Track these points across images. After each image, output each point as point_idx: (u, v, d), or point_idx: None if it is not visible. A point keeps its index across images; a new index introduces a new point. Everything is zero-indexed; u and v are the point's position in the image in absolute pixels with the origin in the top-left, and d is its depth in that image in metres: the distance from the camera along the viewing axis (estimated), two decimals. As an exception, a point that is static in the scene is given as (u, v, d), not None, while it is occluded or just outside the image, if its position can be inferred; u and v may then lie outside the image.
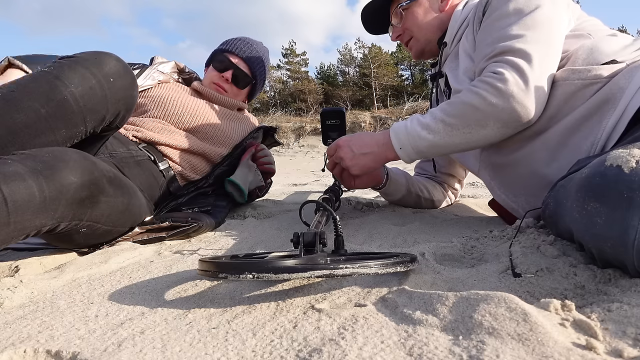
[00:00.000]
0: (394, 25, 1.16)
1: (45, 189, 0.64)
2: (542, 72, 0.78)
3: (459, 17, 1.03)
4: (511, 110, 0.79)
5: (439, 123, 0.85)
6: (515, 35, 0.81)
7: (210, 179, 1.23)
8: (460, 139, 0.84)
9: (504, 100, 0.78)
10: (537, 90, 0.78)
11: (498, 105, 0.79)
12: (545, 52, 0.79)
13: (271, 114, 15.74)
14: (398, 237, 0.90)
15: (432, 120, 0.86)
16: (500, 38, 0.83)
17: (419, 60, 1.20)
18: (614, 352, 0.35)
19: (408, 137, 0.88)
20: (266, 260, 0.51)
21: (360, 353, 0.38)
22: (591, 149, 0.73)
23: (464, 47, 0.99)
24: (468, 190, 2.10)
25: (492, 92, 0.79)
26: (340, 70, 25.67)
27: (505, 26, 0.84)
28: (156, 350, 0.42)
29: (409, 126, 0.89)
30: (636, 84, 0.71)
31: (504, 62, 0.80)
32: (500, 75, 0.79)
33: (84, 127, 0.81)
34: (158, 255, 0.84)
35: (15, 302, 0.57)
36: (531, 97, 0.78)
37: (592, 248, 0.53)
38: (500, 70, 0.79)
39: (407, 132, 0.89)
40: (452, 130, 0.84)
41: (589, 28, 0.87)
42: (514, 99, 0.78)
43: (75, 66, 0.78)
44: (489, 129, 0.82)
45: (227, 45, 1.41)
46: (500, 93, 0.78)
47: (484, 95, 0.80)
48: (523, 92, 0.77)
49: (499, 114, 0.80)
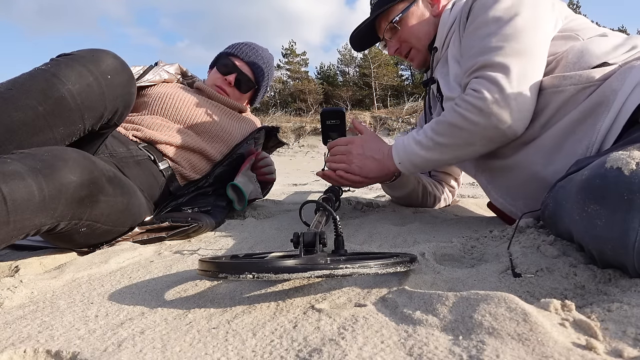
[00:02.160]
0: (389, 40, 1.14)
1: (45, 188, 0.64)
2: (522, 84, 0.79)
3: (446, 21, 1.02)
4: (493, 127, 0.81)
5: (429, 141, 0.89)
6: (494, 47, 0.82)
7: (210, 178, 1.23)
8: (450, 155, 0.89)
9: (485, 118, 0.80)
10: (517, 104, 0.78)
11: (480, 123, 0.81)
12: (526, 62, 0.80)
13: (271, 114, 15.74)
14: (398, 237, 0.90)
15: (424, 139, 0.90)
16: (480, 51, 0.84)
17: (422, 68, 1.18)
18: (614, 352, 0.35)
19: (405, 153, 0.93)
20: (266, 260, 0.51)
21: (360, 353, 0.38)
22: (586, 151, 0.73)
23: (452, 53, 0.98)
24: (468, 190, 2.10)
25: (473, 111, 0.81)
26: (340, 70, 25.69)
27: (485, 36, 0.84)
28: (156, 350, 0.42)
29: (406, 143, 0.94)
30: (629, 85, 0.70)
31: (483, 78, 0.81)
32: (479, 93, 0.80)
33: (82, 124, 0.81)
34: (158, 255, 0.84)
35: (15, 302, 0.57)
36: (511, 112, 0.79)
37: (593, 250, 0.53)
38: (479, 88, 0.80)
39: (404, 148, 0.94)
40: (442, 148, 0.88)
41: (576, 28, 0.86)
42: (494, 117, 0.79)
43: (72, 64, 0.78)
44: (477, 146, 0.86)
45: (233, 49, 1.41)
46: (481, 112, 0.80)
47: (466, 115, 0.82)
48: (502, 108, 0.79)
49: (482, 132, 0.82)
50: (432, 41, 1.08)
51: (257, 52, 1.43)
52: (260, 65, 1.42)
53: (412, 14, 1.08)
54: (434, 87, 1.10)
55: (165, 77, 1.35)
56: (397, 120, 11.25)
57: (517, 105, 0.78)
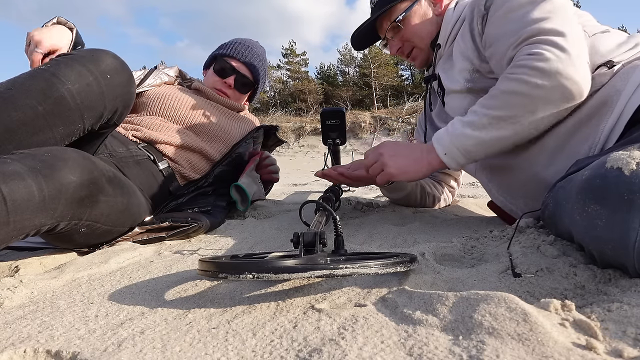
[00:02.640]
0: (390, 39, 1.14)
1: (45, 188, 0.63)
2: (581, 48, 0.74)
3: (451, 17, 1.01)
4: (561, 88, 0.72)
5: (483, 118, 0.78)
6: (540, 18, 0.76)
7: (209, 178, 1.23)
8: (508, 130, 0.78)
9: (550, 78, 0.71)
10: (581, 63, 0.72)
11: (545, 85, 0.72)
12: (577, 31, 0.75)
13: (271, 114, 15.74)
14: (398, 237, 0.90)
15: (475, 117, 0.80)
16: (525, 24, 0.77)
17: (424, 67, 1.17)
18: (614, 352, 0.35)
19: (452, 140, 0.82)
20: (266, 260, 0.51)
21: (360, 353, 0.38)
22: (589, 152, 0.73)
23: (459, 48, 0.97)
24: (468, 190, 2.10)
25: (534, 74, 0.72)
26: (340, 70, 25.69)
27: (523, 14, 0.79)
28: (156, 350, 0.42)
29: (451, 129, 0.83)
30: (632, 85, 0.70)
31: (539, 42, 0.74)
32: (539, 55, 0.72)
33: (82, 124, 0.81)
34: (158, 255, 0.84)
35: (15, 302, 0.57)
36: (579, 70, 0.71)
37: (593, 250, 0.53)
38: (537, 51, 0.73)
39: (449, 134, 0.83)
40: (499, 122, 0.77)
41: (584, 23, 0.85)
42: (561, 75, 0.71)
43: (72, 63, 0.78)
44: (539, 113, 0.75)
45: (228, 50, 1.40)
46: (544, 72, 0.72)
47: (526, 79, 0.73)
48: (569, 66, 0.71)
49: (548, 94, 0.73)
50: (434, 39, 1.08)
51: (252, 50, 1.43)
52: (256, 65, 1.42)
53: (415, 13, 1.08)
54: (434, 83, 1.10)
55: (165, 79, 1.36)
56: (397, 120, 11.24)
57: (581, 64, 0.72)
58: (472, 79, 0.94)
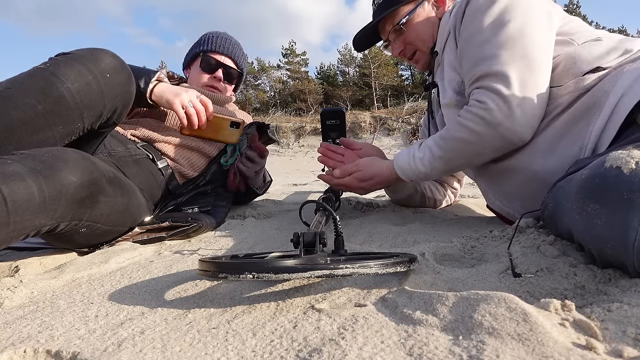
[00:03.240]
0: (392, 41, 1.14)
1: (45, 189, 0.63)
2: (526, 91, 0.78)
3: (445, 24, 1.01)
4: (501, 137, 0.81)
5: (437, 161, 0.91)
6: (489, 56, 0.81)
7: (206, 175, 1.24)
8: (459, 166, 0.93)
9: (492, 129, 0.81)
10: (523, 111, 0.79)
11: (487, 134, 0.82)
12: (524, 67, 0.79)
13: (271, 114, 15.71)
14: (398, 237, 0.90)
15: (431, 158, 0.92)
16: (478, 60, 0.84)
17: (426, 71, 1.17)
18: (614, 352, 0.35)
19: (413, 173, 0.96)
20: (266, 260, 0.51)
21: (360, 353, 0.38)
22: (580, 153, 0.74)
23: (448, 58, 0.98)
24: (468, 190, 2.10)
25: (478, 122, 0.82)
26: (340, 70, 25.67)
27: (479, 44, 0.84)
28: (156, 350, 0.42)
29: (413, 165, 0.95)
30: (620, 87, 0.71)
31: (484, 88, 0.82)
32: (484, 104, 0.81)
33: (81, 123, 0.81)
34: (158, 255, 0.84)
35: (15, 302, 0.57)
36: (517, 120, 0.79)
37: (593, 249, 0.53)
38: (482, 99, 0.81)
39: (410, 169, 0.96)
40: (451, 161, 0.90)
41: (571, 31, 0.86)
42: (501, 127, 0.80)
43: (71, 62, 0.78)
44: (486, 156, 0.88)
45: (209, 46, 1.40)
46: (487, 123, 0.81)
47: (472, 127, 0.83)
48: (508, 118, 0.79)
49: (491, 142, 0.83)
50: (434, 45, 1.08)
51: (231, 41, 1.44)
52: (237, 54, 1.44)
53: (419, 16, 1.07)
54: (435, 92, 1.10)
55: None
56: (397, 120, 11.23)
57: (521, 111, 0.78)
58: (460, 91, 0.95)
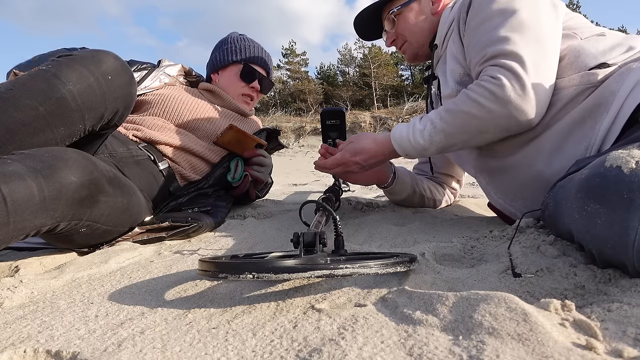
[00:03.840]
0: (387, 31, 1.15)
1: (45, 189, 0.63)
2: (538, 75, 0.77)
3: (447, 18, 1.02)
4: (509, 116, 0.79)
5: (438, 134, 0.86)
6: (503, 37, 0.80)
7: (210, 179, 1.23)
8: (458, 143, 0.87)
9: (502, 106, 0.78)
10: (535, 93, 0.77)
11: (496, 111, 0.79)
12: (538, 52, 0.78)
13: (271, 114, 15.72)
14: (398, 237, 0.90)
15: (432, 131, 0.87)
16: (490, 41, 0.82)
17: (413, 63, 1.21)
18: (614, 352, 0.35)
19: (410, 146, 0.91)
20: (266, 260, 0.51)
21: (360, 353, 0.38)
22: (585, 152, 0.73)
23: (451, 50, 0.98)
24: (468, 190, 2.10)
25: (489, 97, 0.78)
26: (340, 70, 25.68)
27: (491, 29, 0.82)
28: (156, 350, 0.42)
29: (411, 138, 0.90)
30: (627, 86, 0.70)
31: (500, 66, 0.79)
32: (498, 80, 0.78)
33: (83, 125, 0.81)
34: (158, 255, 0.84)
35: (15, 302, 0.57)
36: (529, 101, 0.77)
37: (593, 249, 0.53)
38: (498, 75, 0.78)
39: (408, 141, 0.91)
40: (452, 137, 0.85)
41: (575, 26, 0.86)
42: (511, 105, 0.77)
43: (73, 64, 0.78)
44: (490, 134, 0.84)
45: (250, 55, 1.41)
46: (498, 99, 0.78)
47: (481, 101, 0.79)
48: (520, 97, 0.76)
49: (497, 120, 0.80)
50: (432, 39, 1.08)
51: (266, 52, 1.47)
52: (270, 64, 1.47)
53: (411, 9, 1.09)
54: (435, 86, 1.10)
55: (166, 81, 1.33)
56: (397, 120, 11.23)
57: (535, 95, 0.77)
58: (462, 82, 0.94)
